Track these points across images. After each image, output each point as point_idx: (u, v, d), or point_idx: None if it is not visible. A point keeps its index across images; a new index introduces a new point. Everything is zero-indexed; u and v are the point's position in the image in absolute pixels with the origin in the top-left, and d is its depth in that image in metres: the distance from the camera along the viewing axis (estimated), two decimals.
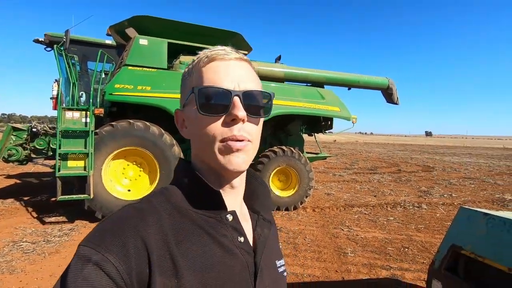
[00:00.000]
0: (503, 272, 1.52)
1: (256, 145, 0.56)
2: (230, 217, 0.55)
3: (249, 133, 0.53)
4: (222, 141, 0.51)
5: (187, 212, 0.53)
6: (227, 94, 0.51)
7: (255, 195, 0.66)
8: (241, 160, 0.52)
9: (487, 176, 11.52)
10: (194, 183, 0.55)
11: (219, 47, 0.55)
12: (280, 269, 0.64)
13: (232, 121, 0.51)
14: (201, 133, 0.53)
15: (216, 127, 0.51)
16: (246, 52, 5.91)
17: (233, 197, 0.58)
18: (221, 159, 0.52)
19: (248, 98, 0.53)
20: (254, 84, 0.55)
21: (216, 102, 0.51)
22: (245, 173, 0.59)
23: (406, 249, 4.05)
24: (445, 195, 7.66)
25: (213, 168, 0.54)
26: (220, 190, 0.55)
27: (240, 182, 0.59)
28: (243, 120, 0.52)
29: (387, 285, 3.11)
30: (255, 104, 0.54)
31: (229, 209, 0.55)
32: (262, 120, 0.58)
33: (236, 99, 0.51)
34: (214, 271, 0.49)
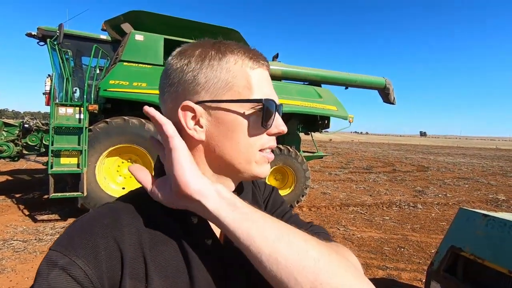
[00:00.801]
0: (502, 274, 1.51)
1: None
2: (195, 219, 0.51)
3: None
4: (261, 150, 0.53)
5: (162, 213, 0.50)
6: (274, 108, 0.51)
7: (273, 204, 0.69)
8: (269, 169, 0.56)
9: (481, 176, 11.65)
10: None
11: (254, 50, 0.53)
12: None
13: (275, 133, 0.53)
14: (244, 142, 0.51)
15: (262, 138, 0.52)
16: None
17: None
18: (257, 168, 0.53)
19: (280, 110, 0.55)
20: None
21: (270, 116, 0.51)
22: None
23: (402, 249, 4.05)
24: (439, 195, 7.72)
25: (239, 174, 0.54)
26: None
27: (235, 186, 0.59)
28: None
29: (383, 285, 3.10)
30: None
31: None
32: None
33: (277, 113, 0.53)
34: (184, 275, 0.47)
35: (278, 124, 0.53)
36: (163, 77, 0.53)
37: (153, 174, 0.53)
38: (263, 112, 0.50)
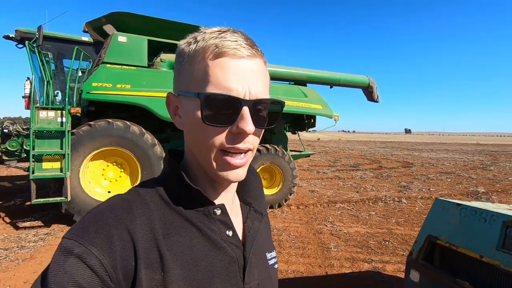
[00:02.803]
0: (475, 259, 1.59)
1: (255, 149, 0.53)
2: (218, 211, 0.53)
3: (252, 143, 0.50)
4: (222, 150, 0.48)
5: (175, 205, 0.51)
6: (236, 104, 0.46)
7: (247, 186, 0.64)
8: (240, 175, 0.51)
9: (462, 170, 12.05)
10: (176, 179, 0.53)
11: (230, 36, 0.47)
12: (271, 262, 0.63)
13: (238, 133, 0.47)
14: (200, 137, 0.49)
15: (219, 137, 0.47)
16: None
17: (224, 191, 0.56)
18: (217, 170, 0.49)
19: (258, 108, 0.48)
20: (265, 87, 0.50)
21: (223, 112, 0.46)
22: None
23: (387, 242, 4.16)
24: (423, 190, 7.95)
25: (208, 173, 0.52)
26: (210, 186, 0.54)
27: None
28: (249, 134, 0.48)
29: (368, 277, 3.19)
30: (263, 113, 0.50)
31: (218, 202, 0.54)
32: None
33: (246, 110, 0.46)
34: (201, 265, 0.48)
35: (241, 124, 0.46)
36: None
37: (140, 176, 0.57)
38: (200, 109, 0.46)
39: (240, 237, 0.57)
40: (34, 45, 4.60)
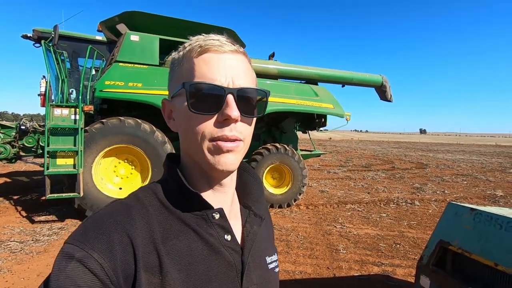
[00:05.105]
0: (489, 267, 1.52)
1: (248, 143, 0.54)
2: (216, 215, 0.53)
3: (241, 132, 0.51)
4: (212, 140, 0.49)
5: (174, 210, 0.52)
6: (220, 92, 0.48)
7: (247, 189, 0.64)
8: (230, 160, 0.50)
9: (479, 173, 11.65)
10: (175, 182, 0.54)
11: (213, 36, 0.51)
12: (271, 266, 0.63)
13: (224, 120, 0.49)
14: (190, 130, 0.50)
15: (207, 126, 0.49)
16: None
17: (223, 195, 0.56)
18: (210, 158, 0.50)
19: (242, 96, 0.50)
20: (249, 80, 0.52)
21: (208, 100, 0.48)
22: (236, 170, 0.57)
23: (398, 246, 4.06)
24: (437, 192, 7.73)
25: (201, 166, 0.53)
26: (209, 189, 0.55)
27: (230, 180, 0.57)
28: (236, 120, 0.49)
29: (378, 281, 3.12)
30: (249, 102, 0.51)
31: (216, 206, 0.54)
32: (255, 118, 0.55)
33: (230, 98, 0.48)
34: (199, 270, 0.49)
35: (226, 109, 0.48)
36: None
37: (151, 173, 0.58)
38: (186, 96, 0.48)
39: (239, 241, 0.57)
40: (50, 44, 4.72)
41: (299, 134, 7.24)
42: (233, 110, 0.48)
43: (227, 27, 5.56)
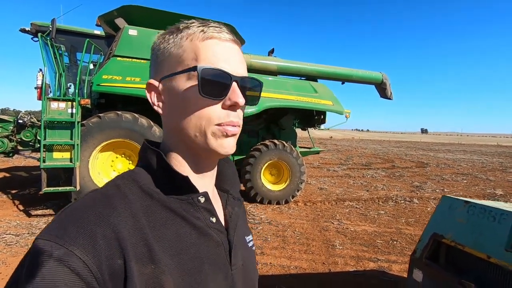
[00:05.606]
0: (482, 260, 1.50)
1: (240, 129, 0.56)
2: (202, 199, 0.53)
3: (240, 118, 0.53)
4: (219, 124, 0.50)
5: (158, 196, 0.50)
6: (227, 79, 0.49)
7: (223, 174, 0.65)
8: (232, 143, 0.52)
9: (480, 172, 11.61)
10: (161, 167, 0.52)
11: (213, 23, 0.52)
12: (250, 244, 0.66)
13: (230, 106, 0.50)
14: (194, 113, 0.49)
15: (215, 111, 0.50)
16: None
17: (207, 178, 0.57)
18: (213, 142, 0.50)
19: (244, 84, 0.52)
20: (245, 69, 0.54)
21: (215, 85, 0.49)
22: None
23: (395, 242, 4.05)
24: (437, 190, 7.70)
25: (196, 149, 0.52)
26: (195, 173, 0.54)
27: (215, 164, 0.58)
28: (240, 107, 0.51)
29: (373, 277, 3.10)
30: (248, 91, 0.54)
31: (201, 190, 0.54)
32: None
33: (235, 85, 0.50)
34: (190, 253, 0.49)
35: (233, 96, 0.50)
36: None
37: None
38: (198, 80, 0.48)
39: (223, 223, 0.58)
40: (47, 38, 4.71)
41: (300, 132, 7.22)
42: (239, 97, 0.50)
43: (227, 22, 5.53)
